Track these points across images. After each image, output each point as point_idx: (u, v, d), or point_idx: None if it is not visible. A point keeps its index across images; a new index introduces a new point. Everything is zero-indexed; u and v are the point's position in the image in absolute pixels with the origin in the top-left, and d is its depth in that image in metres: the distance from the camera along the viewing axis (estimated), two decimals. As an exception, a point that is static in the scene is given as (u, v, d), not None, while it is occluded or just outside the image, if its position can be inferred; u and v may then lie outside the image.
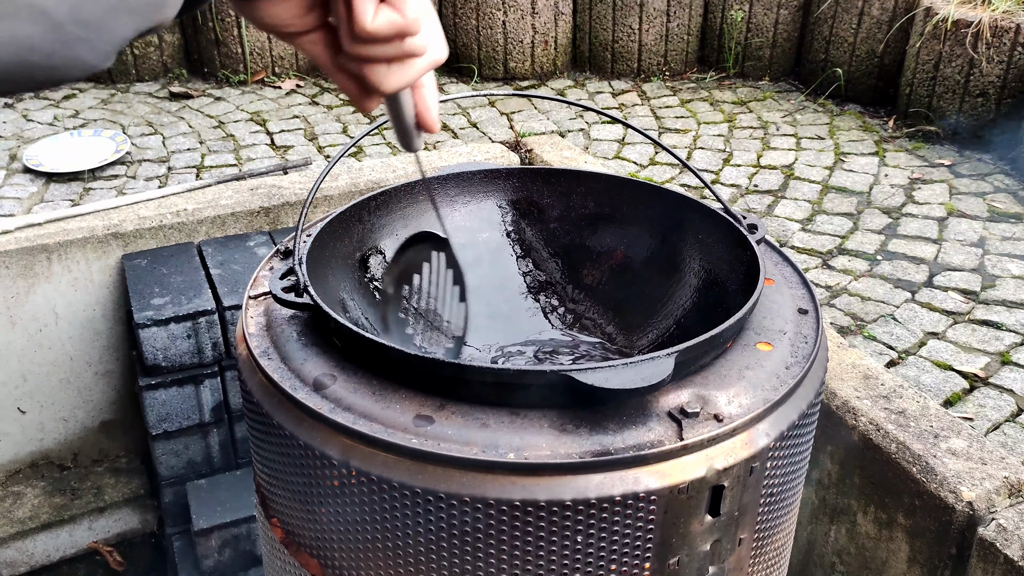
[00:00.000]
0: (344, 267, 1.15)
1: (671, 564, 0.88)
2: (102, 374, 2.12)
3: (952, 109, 3.69)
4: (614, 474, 0.81)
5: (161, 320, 1.79)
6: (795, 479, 1.02)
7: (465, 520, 0.80)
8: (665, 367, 0.84)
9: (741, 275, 1.09)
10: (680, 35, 4.52)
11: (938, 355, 2.41)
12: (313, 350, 0.95)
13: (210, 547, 1.83)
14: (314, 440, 0.85)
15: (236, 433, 1.95)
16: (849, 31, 4.11)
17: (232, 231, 2.11)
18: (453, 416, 0.84)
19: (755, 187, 3.38)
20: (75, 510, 2.07)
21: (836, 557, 1.61)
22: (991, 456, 1.40)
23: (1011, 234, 3.02)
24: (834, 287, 2.71)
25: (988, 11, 3.52)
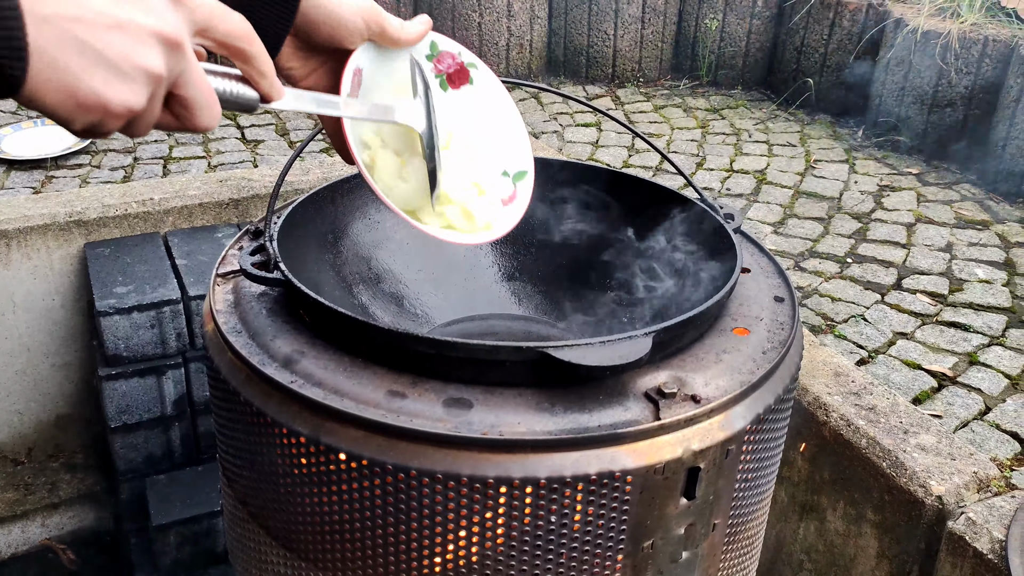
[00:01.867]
0: (316, 247, 1.13)
1: (645, 547, 0.86)
2: (60, 366, 2.06)
3: (920, 119, 3.75)
4: (590, 452, 0.79)
5: (124, 309, 1.75)
6: (770, 465, 1.02)
7: (437, 498, 0.78)
8: (642, 346, 0.83)
9: (718, 262, 1.08)
10: (654, 42, 4.55)
11: (907, 354, 2.44)
12: (283, 327, 0.92)
13: (168, 544, 1.78)
14: (283, 416, 0.83)
15: (199, 427, 1.91)
16: (820, 42, 4.16)
17: (200, 222, 2.07)
18: (426, 392, 0.82)
19: (728, 191, 3.40)
20: (28, 506, 2.01)
21: (804, 555, 1.61)
22: (960, 452, 1.41)
23: (977, 240, 3.07)
24: (805, 288, 2.74)
25: (957, 23, 3.58)
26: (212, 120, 0.63)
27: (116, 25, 0.54)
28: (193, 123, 0.62)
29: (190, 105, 0.61)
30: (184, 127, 0.63)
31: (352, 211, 1.20)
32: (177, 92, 0.59)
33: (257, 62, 0.67)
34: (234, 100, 0.68)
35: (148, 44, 0.55)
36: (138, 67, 0.55)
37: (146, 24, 0.55)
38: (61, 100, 0.53)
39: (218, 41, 0.63)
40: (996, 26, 3.60)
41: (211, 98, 0.62)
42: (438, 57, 0.98)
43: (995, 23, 3.63)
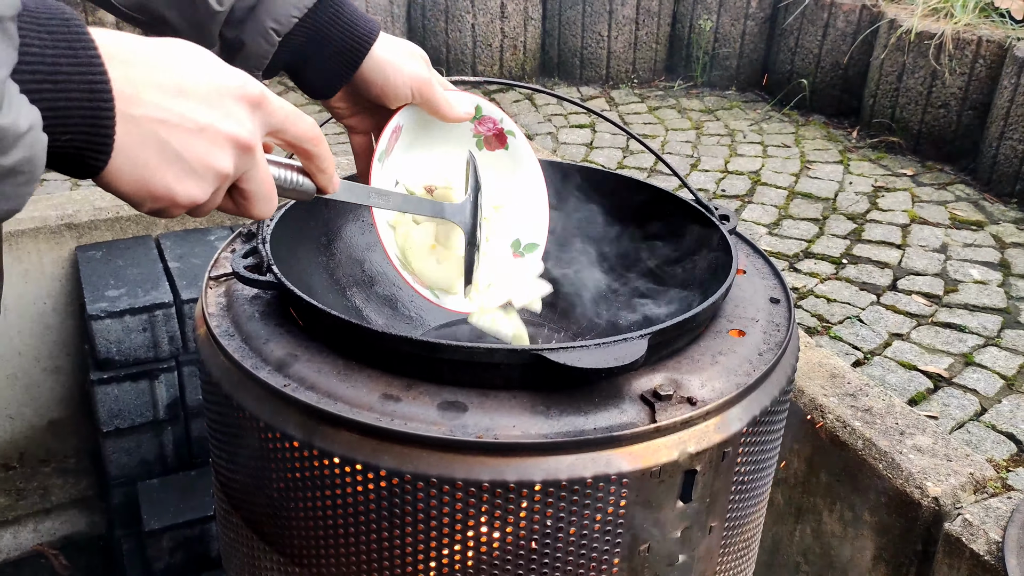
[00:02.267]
0: (309, 250, 1.12)
1: (641, 550, 0.86)
2: (51, 370, 2.05)
3: (915, 120, 3.75)
4: (586, 455, 0.78)
5: (115, 312, 1.74)
6: (766, 467, 1.01)
7: (431, 502, 0.77)
8: (638, 348, 0.82)
9: (714, 264, 1.08)
10: (649, 43, 4.55)
11: (903, 356, 2.44)
12: (276, 330, 0.91)
13: (161, 549, 1.77)
14: (276, 420, 0.82)
15: (192, 431, 1.90)
16: (814, 43, 4.17)
17: (192, 225, 2.06)
18: (421, 396, 0.81)
19: (723, 192, 3.40)
20: (20, 511, 1.99)
21: (801, 557, 1.60)
22: (956, 453, 1.41)
23: (972, 241, 3.08)
24: (801, 289, 2.74)
25: (951, 24, 3.59)
26: (268, 210, 0.67)
27: (197, 129, 0.58)
28: (250, 212, 0.67)
29: (250, 197, 0.65)
30: (241, 213, 0.67)
31: (345, 213, 1.19)
32: (241, 186, 0.64)
33: (320, 160, 0.71)
34: (293, 190, 0.73)
35: (223, 148, 0.59)
36: (210, 168, 0.59)
37: (224, 130, 0.59)
38: (135, 190, 0.57)
39: (288, 142, 0.67)
40: (990, 26, 3.61)
41: (271, 191, 0.67)
42: (480, 120, 1.02)
43: (988, 23, 3.64)
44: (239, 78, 0.61)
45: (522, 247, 1.07)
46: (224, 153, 0.59)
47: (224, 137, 0.59)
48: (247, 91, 0.61)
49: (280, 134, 0.66)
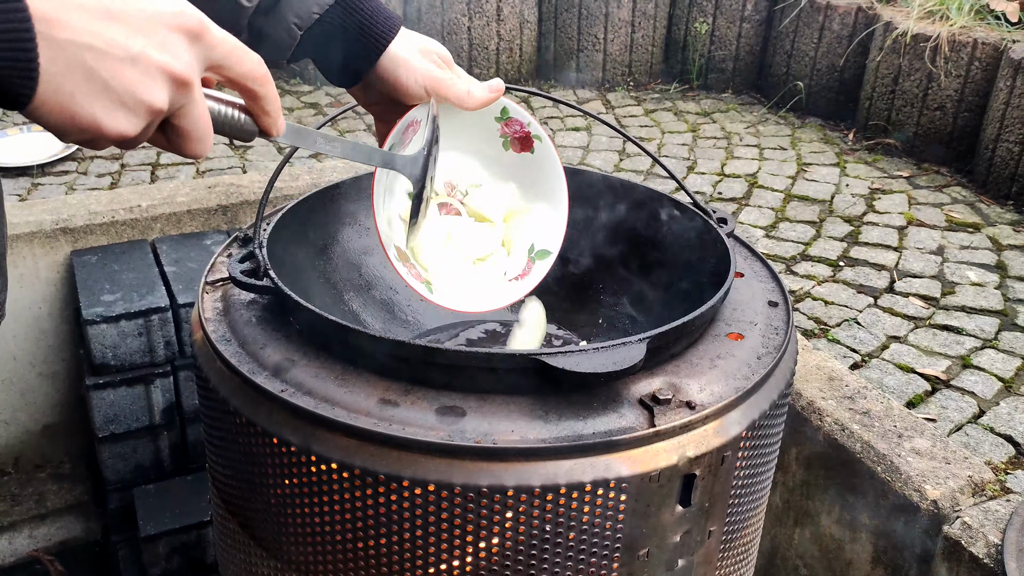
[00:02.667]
0: (305, 255, 1.12)
1: (640, 555, 0.85)
2: (47, 375, 2.04)
3: (911, 122, 3.76)
4: (584, 460, 0.78)
5: (111, 317, 1.73)
6: (765, 471, 1.01)
7: (430, 507, 0.77)
8: (636, 352, 0.82)
9: (712, 267, 1.08)
10: (645, 46, 4.55)
11: (900, 358, 2.44)
12: (273, 335, 0.91)
13: (157, 555, 1.76)
14: (273, 426, 0.81)
15: (188, 437, 1.89)
16: (810, 45, 4.18)
17: (188, 229, 2.05)
18: (419, 401, 0.81)
19: (719, 195, 3.40)
20: (15, 517, 1.98)
21: (800, 560, 1.60)
22: (955, 456, 1.41)
23: (969, 243, 3.08)
24: (798, 292, 2.74)
25: (946, 26, 3.60)
26: (204, 149, 0.63)
27: (128, 58, 0.54)
28: (183, 150, 0.62)
29: (184, 135, 0.61)
30: (174, 151, 0.63)
31: (342, 217, 1.19)
32: (175, 122, 0.60)
33: (265, 102, 0.67)
34: (232, 128, 0.68)
35: (156, 80, 0.55)
36: (141, 101, 0.55)
37: (158, 60, 0.55)
38: (60, 120, 0.54)
39: (231, 79, 0.63)
40: (985, 29, 3.61)
41: (207, 131, 0.62)
42: (507, 122, 1.01)
43: (984, 26, 3.65)
44: (176, 4, 0.56)
45: (534, 253, 1.08)
46: (157, 86, 0.55)
47: (157, 68, 0.55)
48: (185, 20, 0.57)
49: (222, 70, 0.61)
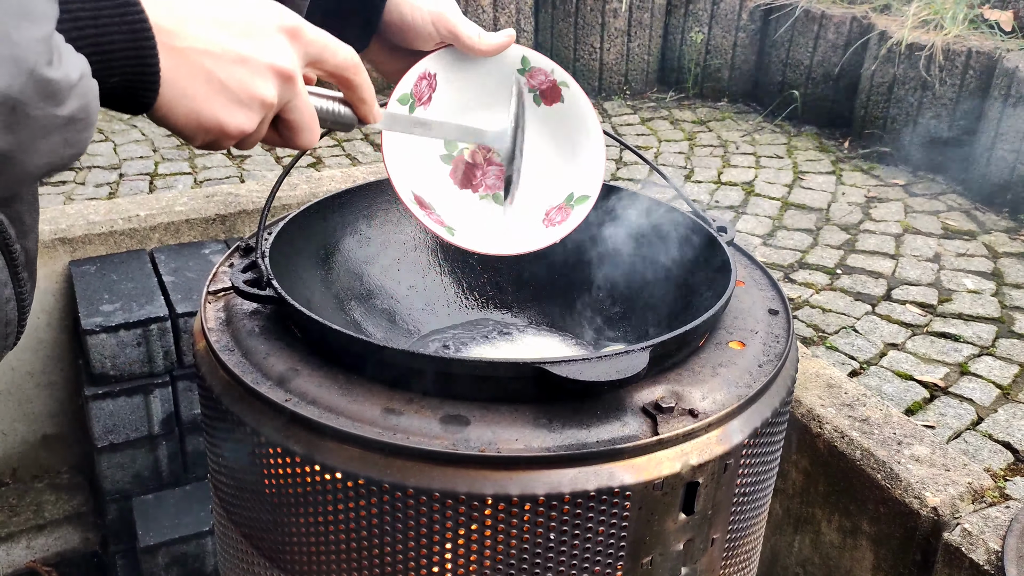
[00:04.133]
0: (307, 264, 1.12)
1: (644, 563, 0.85)
2: (45, 385, 2.03)
3: (906, 131, 3.78)
4: (588, 468, 0.78)
5: (110, 327, 1.73)
6: (767, 479, 1.01)
7: (434, 516, 0.77)
8: (639, 361, 0.82)
9: (712, 275, 1.08)
10: (641, 55, 4.57)
11: (898, 365, 2.45)
12: (276, 345, 0.91)
13: (156, 565, 1.76)
14: (277, 435, 0.81)
15: (187, 447, 1.88)
16: (806, 54, 4.20)
17: (186, 238, 2.05)
18: (423, 409, 0.81)
19: (716, 203, 3.41)
20: (13, 527, 1.97)
21: (800, 568, 1.60)
22: (954, 462, 1.41)
23: (965, 250, 3.09)
24: (796, 300, 2.75)
25: (941, 35, 3.62)
26: (312, 140, 0.70)
27: (239, 59, 0.61)
28: (295, 142, 0.69)
29: (294, 127, 0.68)
30: (287, 145, 0.69)
31: (343, 227, 1.19)
32: (284, 116, 0.67)
33: (360, 90, 0.73)
34: (335, 120, 0.75)
35: (265, 77, 0.62)
36: (254, 97, 0.62)
37: (264, 59, 0.62)
38: (186, 122, 0.60)
39: (328, 71, 0.69)
40: (979, 38, 3.64)
41: (313, 122, 0.69)
42: (530, 72, 1.00)
43: (978, 35, 3.67)
44: (274, 10, 0.63)
45: (574, 200, 1.05)
46: (267, 82, 0.62)
47: (265, 66, 0.62)
48: (283, 22, 0.63)
49: (319, 64, 0.68)
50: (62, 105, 0.51)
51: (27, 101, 0.49)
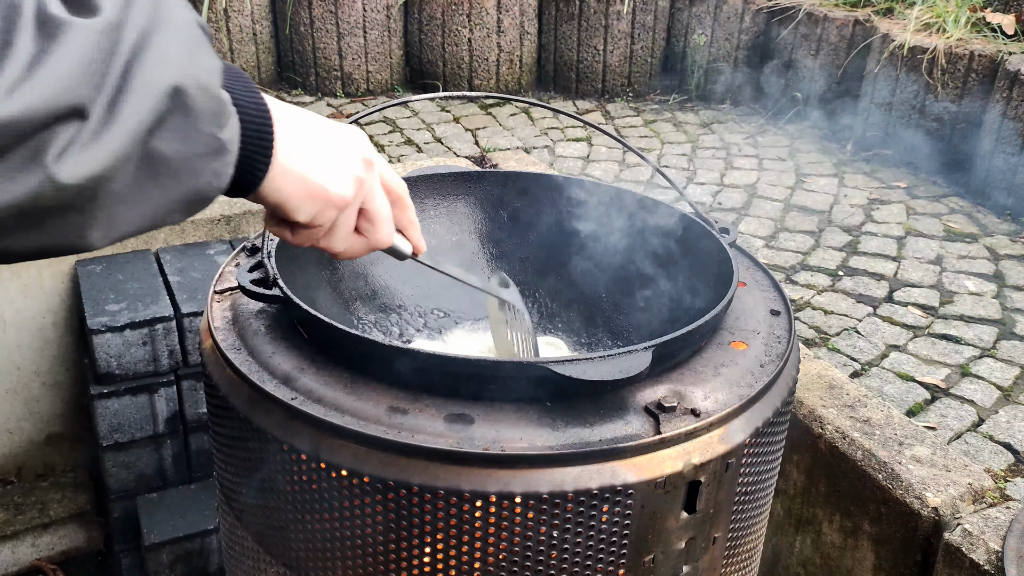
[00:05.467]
0: (312, 264, 1.13)
1: (646, 561, 0.86)
2: (51, 385, 2.04)
3: (908, 133, 3.78)
4: (591, 467, 0.79)
5: (116, 326, 1.74)
6: (768, 478, 1.02)
7: (438, 513, 0.78)
8: (642, 360, 0.83)
9: (715, 276, 1.09)
10: (644, 57, 4.58)
11: (900, 367, 2.45)
12: (282, 344, 0.92)
13: (161, 563, 1.77)
14: (283, 433, 0.82)
15: (191, 445, 1.89)
16: (808, 57, 4.20)
17: (192, 239, 2.06)
18: (428, 408, 0.82)
19: (719, 205, 3.42)
20: (18, 526, 1.98)
21: (801, 568, 1.60)
22: (955, 463, 1.42)
23: (967, 253, 3.10)
24: (798, 301, 2.75)
25: (943, 38, 3.63)
26: (389, 232, 0.78)
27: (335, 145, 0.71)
28: (376, 235, 0.77)
29: (374, 218, 0.76)
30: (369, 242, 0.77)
31: (348, 227, 1.19)
32: (366, 206, 0.75)
33: (410, 211, 0.82)
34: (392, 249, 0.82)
35: (356, 159, 0.73)
36: (351, 172, 0.72)
37: (354, 147, 0.73)
38: (295, 190, 0.68)
39: (386, 185, 0.78)
40: (981, 41, 3.64)
41: (388, 213, 0.77)
42: None
43: (980, 38, 3.67)
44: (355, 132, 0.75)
45: None
46: (358, 163, 0.72)
47: (355, 151, 0.73)
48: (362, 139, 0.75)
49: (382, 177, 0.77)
50: (223, 128, 0.58)
51: (199, 112, 0.55)
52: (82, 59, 0.48)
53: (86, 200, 0.51)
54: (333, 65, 4.37)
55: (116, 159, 0.51)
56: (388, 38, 4.39)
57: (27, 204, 0.48)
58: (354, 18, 4.28)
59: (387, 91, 4.46)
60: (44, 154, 0.48)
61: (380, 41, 4.37)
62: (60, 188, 0.49)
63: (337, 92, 4.41)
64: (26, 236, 0.50)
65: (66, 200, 0.50)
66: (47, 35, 0.47)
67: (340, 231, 0.74)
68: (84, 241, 0.53)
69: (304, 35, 4.32)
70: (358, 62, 4.37)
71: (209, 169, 0.57)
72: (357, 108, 4.25)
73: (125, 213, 0.54)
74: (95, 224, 0.53)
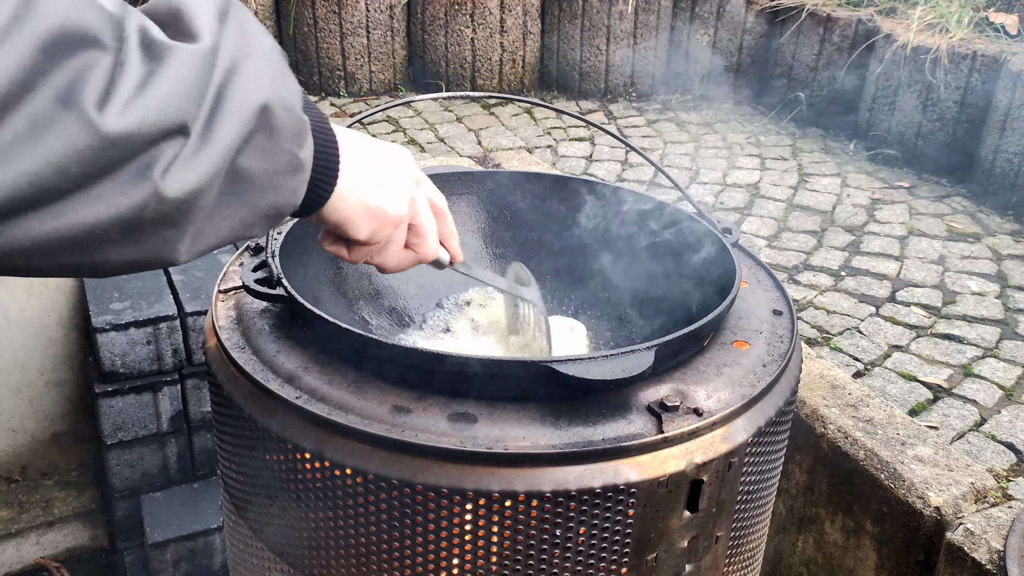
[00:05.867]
0: (316, 264, 1.13)
1: (649, 560, 0.86)
2: (55, 383, 2.05)
3: (911, 133, 3.78)
4: (594, 466, 0.79)
5: (120, 325, 1.74)
6: (771, 478, 1.02)
7: (442, 512, 0.78)
8: (645, 360, 0.83)
9: (717, 276, 1.09)
10: (647, 57, 4.58)
11: (902, 367, 2.45)
12: (286, 343, 0.92)
13: (165, 561, 1.77)
14: (287, 432, 0.83)
15: (195, 444, 1.90)
16: (811, 56, 4.20)
17: (195, 237, 2.07)
18: (431, 407, 0.82)
19: (721, 204, 3.42)
20: (22, 524, 1.99)
21: (803, 567, 1.61)
22: (957, 463, 1.42)
23: (969, 253, 3.10)
24: (800, 301, 2.75)
25: (946, 38, 3.62)
26: (434, 246, 0.83)
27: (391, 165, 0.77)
28: (424, 249, 0.82)
29: (422, 232, 0.81)
30: (417, 255, 0.82)
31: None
32: (415, 222, 0.80)
33: (450, 223, 0.87)
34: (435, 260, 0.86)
35: (408, 178, 0.78)
36: (405, 191, 0.77)
37: (406, 167, 0.79)
38: (355, 208, 0.72)
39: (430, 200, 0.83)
40: (984, 41, 3.64)
41: (435, 227, 0.83)
42: None
43: (983, 38, 3.67)
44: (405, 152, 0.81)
45: None
46: (409, 183, 0.78)
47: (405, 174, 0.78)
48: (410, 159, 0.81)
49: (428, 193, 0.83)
50: (302, 147, 0.61)
51: (283, 131, 0.58)
52: (186, 80, 0.52)
53: (182, 214, 0.53)
54: (336, 65, 4.37)
55: (212, 174, 0.54)
56: (391, 38, 4.40)
57: (133, 217, 0.50)
58: (357, 18, 4.29)
59: (390, 91, 4.47)
60: (153, 169, 0.50)
61: (383, 41, 4.38)
62: (164, 202, 0.51)
63: (340, 92, 4.41)
64: (122, 249, 0.52)
65: (166, 214, 0.52)
66: (154, 57, 0.51)
67: (393, 247, 0.79)
68: (173, 254, 0.55)
69: (307, 35, 4.33)
70: (361, 62, 4.37)
71: (288, 186, 0.61)
72: (360, 108, 4.26)
73: (211, 227, 0.56)
74: (185, 238, 0.55)
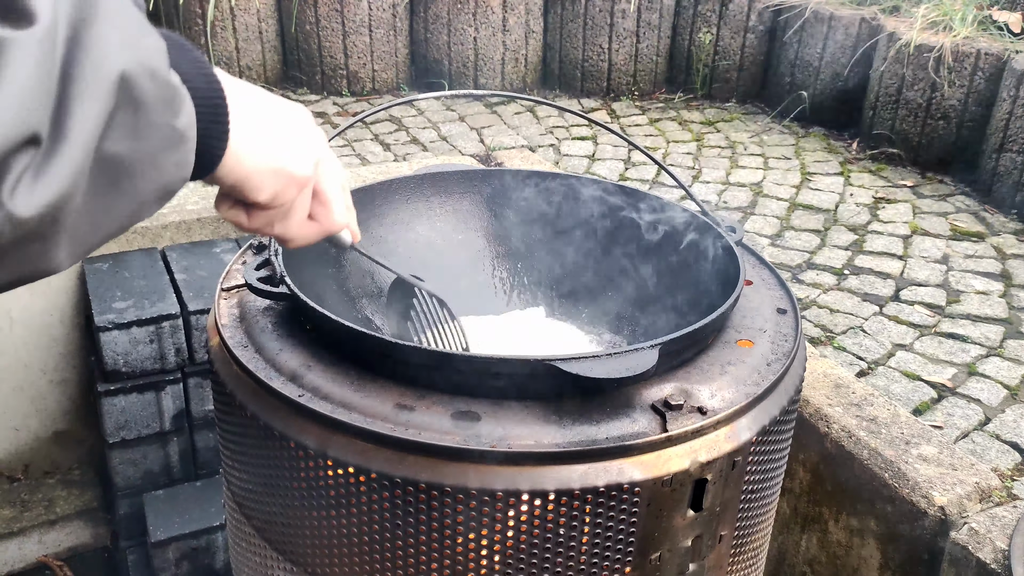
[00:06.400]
0: (319, 263, 1.13)
1: (652, 559, 0.86)
2: (57, 382, 2.05)
3: (914, 132, 3.77)
4: (598, 465, 0.79)
5: (123, 324, 1.74)
6: (775, 476, 1.02)
7: (445, 511, 0.78)
8: (649, 358, 0.83)
9: (721, 274, 1.09)
10: (649, 56, 4.57)
11: (906, 366, 2.45)
12: (289, 341, 0.92)
13: (167, 560, 1.77)
14: (290, 430, 0.82)
15: (197, 443, 1.90)
16: (814, 55, 4.19)
17: (198, 237, 2.07)
18: (434, 405, 0.82)
19: (724, 204, 3.41)
20: (25, 522, 1.99)
21: (807, 567, 1.60)
22: (961, 462, 1.41)
23: (973, 252, 3.09)
24: (804, 300, 2.75)
25: (950, 37, 3.61)
26: (341, 216, 0.76)
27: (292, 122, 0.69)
28: (329, 219, 0.75)
29: (326, 200, 0.74)
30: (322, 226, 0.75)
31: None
32: (318, 187, 0.73)
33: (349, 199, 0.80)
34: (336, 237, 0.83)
35: (312, 137, 0.71)
36: (309, 151, 0.70)
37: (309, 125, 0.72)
38: (255, 167, 0.65)
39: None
40: (988, 39, 3.63)
41: (339, 196, 0.75)
42: None
43: (987, 36, 3.66)
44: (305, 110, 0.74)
45: None
46: (314, 143, 0.70)
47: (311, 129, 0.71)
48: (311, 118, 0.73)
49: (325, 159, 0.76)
50: (178, 116, 0.53)
51: (150, 103, 0.50)
52: (29, 78, 0.43)
53: (46, 227, 0.46)
54: (339, 64, 4.37)
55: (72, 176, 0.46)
56: (394, 37, 4.39)
57: None
58: (360, 17, 4.28)
59: (392, 90, 4.47)
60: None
61: (386, 40, 4.37)
62: (20, 224, 0.44)
63: (343, 91, 4.41)
64: None
65: (27, 233, 0.45)
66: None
67: (296, 215, 0.71)
68: (50, 265, 0.49)
69: (310, 34, 4.33)
70: (363, 61, 4.37)
71: (170, 162, 0.53)
72: (363, 106, 4.26)
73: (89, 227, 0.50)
74: (59, 247, 0.48)
